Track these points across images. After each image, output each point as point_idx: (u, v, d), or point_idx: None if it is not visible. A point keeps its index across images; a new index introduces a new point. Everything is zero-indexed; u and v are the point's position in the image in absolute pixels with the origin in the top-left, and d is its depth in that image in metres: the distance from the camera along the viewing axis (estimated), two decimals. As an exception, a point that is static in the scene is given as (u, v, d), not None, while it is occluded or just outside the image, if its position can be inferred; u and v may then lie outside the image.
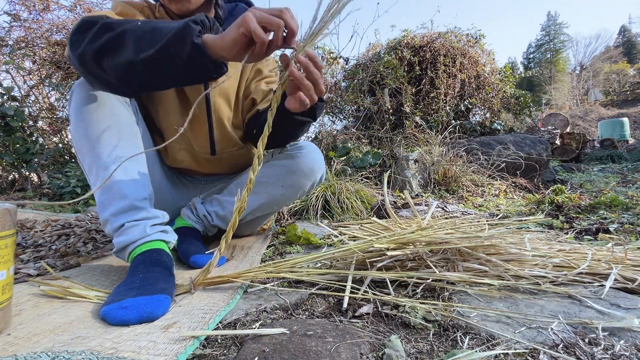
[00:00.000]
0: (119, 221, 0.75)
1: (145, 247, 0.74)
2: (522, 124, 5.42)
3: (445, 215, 1.38)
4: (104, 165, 0.75)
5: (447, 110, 4.06)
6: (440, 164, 2.38)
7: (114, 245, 0.76)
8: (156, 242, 0.76)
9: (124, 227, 0.74)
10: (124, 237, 0.74)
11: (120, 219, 0.75)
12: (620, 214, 1.45)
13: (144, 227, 0.75)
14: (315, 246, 1.12)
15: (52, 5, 3.25)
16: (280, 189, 1.00)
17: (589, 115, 15.07)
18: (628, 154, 4.99)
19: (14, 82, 3.22)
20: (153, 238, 0.76)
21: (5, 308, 0.52)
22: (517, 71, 27.29)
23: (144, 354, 0.45)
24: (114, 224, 0.75)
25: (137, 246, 0.74)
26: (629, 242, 1.02)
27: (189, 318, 0.57)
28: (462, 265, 0.72)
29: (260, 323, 0.56)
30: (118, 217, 0.75)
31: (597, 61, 29.16)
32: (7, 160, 2.71)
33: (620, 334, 0.51)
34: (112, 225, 0.75)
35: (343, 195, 1.71)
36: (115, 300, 0.60)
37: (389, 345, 0.48)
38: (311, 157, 1.00)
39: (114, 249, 0.76)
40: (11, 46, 3.13)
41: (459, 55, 4.29)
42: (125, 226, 0.74)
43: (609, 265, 0.72)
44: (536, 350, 0.47)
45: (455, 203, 1.89)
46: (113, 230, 0.75)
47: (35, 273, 0.82)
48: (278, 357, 0.44)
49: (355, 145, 2.96)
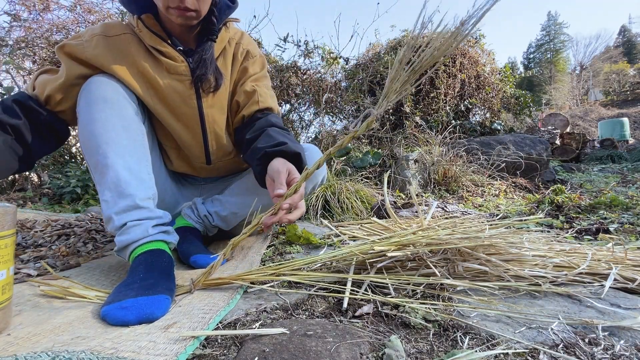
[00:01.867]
0: (122, 220, 0.75)
1: (147, 247, 0.74)
2: (522, 124, 5.43)
3: (445, 215, 1.37)
4: (110, 164, 0.75)
5: (447, 110, 4.06)
6: (440, 164, 2.38)
7: (115, 243, 0.76)
8: (158, 243, 0.76)
9: (127, 226, 0.74)
10: (125, 236, 0.74)
11: (123, 217, 0.75)
12: (620, 214, 1.45)
13: (146, 227, 0.75)
14: (315, 246, 1.12)
15: (52, 5, 3.24)
16: (281, 191, 1.00)
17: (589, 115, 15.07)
18: (628, 154, 4.99)
19: (14, 82, 3.22)
20: (155, 238, 0.76)
21: (5, 308, 0.52)
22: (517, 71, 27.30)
23: (143, 354, 0.45)
24: (117, 223, 0.75)
25: (138, 246, 0.74)
26: (629, 242, 1.02)
27: (189, 318, 0.57)
28: (462, 266, 0.72)
29: (260, 323, 0.56)
30: (121, 215, 0.75)
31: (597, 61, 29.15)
32: (7, 160, 2.70)
33: (620, 334, 0.51)
34: (115, 224, 0.75)
35: (343, 195, 1.71)
36: (116, 300, 0.60)
37: (389, 345, 0.48)
38: (313, 159, 1.00)
39: (115, 248, 0.76)
40: (11, 46, 3.13)
41: (459, 55, 4.30)
42: (127, 225, 0.74)
43: (609, 265, 0.72)
44: (536, 350, 0.47)
45: (455, 203, 1.89)
46: (115, 229, 0.75)
47: (35, 273, 0.82)
48: (278, 357, 0.44)
49: (355, 145, 2.97)
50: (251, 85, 0.98)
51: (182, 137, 0.97)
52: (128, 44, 0.86)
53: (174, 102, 0.91)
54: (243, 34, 1.02)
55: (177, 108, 0.92)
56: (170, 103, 0.91)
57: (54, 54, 3.23)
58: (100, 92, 0.79)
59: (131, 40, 0.87)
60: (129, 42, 0.86)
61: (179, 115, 0.94)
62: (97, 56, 0.83)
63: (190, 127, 0.96)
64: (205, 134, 0.98)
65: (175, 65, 0.88)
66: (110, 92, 0.80)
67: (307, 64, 3.55)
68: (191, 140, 0.98)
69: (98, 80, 0.81)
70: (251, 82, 0.98)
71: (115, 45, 0.85)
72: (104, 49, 0.83)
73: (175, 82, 0.89)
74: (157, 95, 0.90)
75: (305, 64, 3.55)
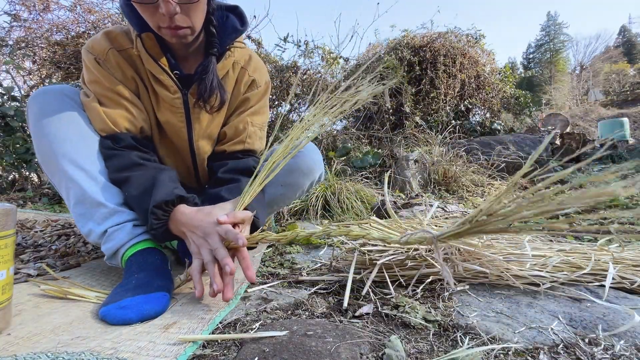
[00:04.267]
0: (101, 228, 0.72)
1: (136, 248, 0.73)
2: (522, 124, 5.42)
3: (445, 215, 1.38)
4: (72, 178, 0.72)
5: (447, 111, 4.07)
6: (440, 164, 2.38)
7: (104, 253, 0.74)
8: (146, 242, 0.75)
9: (108, 233, 0.72)
10: (110, 242, 0.72)
11: (102, 225, 0.72)
12: (620, 214, 1.45)
13: (129, 229, 0.73)
14: (315, 246, 1.12)
15: (52, 5, 3.25)
16: (280, 188, 1.00)
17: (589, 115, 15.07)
18: (628, 154, 4.98)
19: (14, 82, 3.22)
20: (142, 238, 0.74)
21: (5, 308, 0.52)
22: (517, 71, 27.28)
23: (143, 354, 0.45)
24: (97, 232, 0.73)
25: (127, 249, 0.72)
26: (629, 242, 1.02)
27: (189, 318, 0.57)
28: (462, 266, 0.72)
29: (260, 323, 0.56)
30: (99, 224, 0.73)
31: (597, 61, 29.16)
32: (7, 160, 2.71)
33: (620, 334, 0.51)
34: (96, 234, 0.73)
35: (343, 195, 1.71)
36: (114, 301, 0.60)
37: (389, 345, 0.48)
38: (310, 156, 0.99)
39: (105, 257, 0.74)
40: (11, 46, 3.13)
41: (459, 56, 4.30)
42: (108, 232, 0.72)
43: (609, 265, 0.72)
44: (536, 350, 0.47)
45: (455, 203, 1.89)
46: (98, 238, 0.73)
47: (35, 273, 0.82)
48: (278, 357, 0.44)
49: (355, 145, 2.97)
50: (245, 120, 0.92)
51: (170, 163, 0.94)
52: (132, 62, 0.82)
53: (167, 133, 0.89)
54: (251, 57, 0.93)
55: (168, 138, 0.90)
56: (163, 134, 0.90)
57: (54, 54, 3.23)
58: (45, 106, 0.76)
59: (128, 54, 0.82)
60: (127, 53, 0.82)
61: (167, 144, 0.92)
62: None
63: (179, 156, 0.94)
64: (195, 161, 0.95)
65: (170, 96, 0.83)
66: (56, 104, 0.76)
67: (307, 64, 3.56)
68: (181, 166, 0.96)
69: (40, 95, 0.78)
70: (247, 117, 0.92)
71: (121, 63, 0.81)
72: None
73: (169, 114, 0.86)
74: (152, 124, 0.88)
75: (305, 64, 3.55)
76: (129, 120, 0.80)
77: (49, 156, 0.74)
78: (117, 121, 0.78)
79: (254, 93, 0.93)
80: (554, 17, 32.05)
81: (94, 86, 0.79)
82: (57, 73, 3.31)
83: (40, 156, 0.77)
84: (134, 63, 0.82)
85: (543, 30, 32.19)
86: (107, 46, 0.79)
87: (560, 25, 31.51)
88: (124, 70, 0.81)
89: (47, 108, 0.76)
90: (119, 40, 0.80)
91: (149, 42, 0.79)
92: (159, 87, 0.83)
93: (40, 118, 0.75)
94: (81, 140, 0.76)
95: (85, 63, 0.80)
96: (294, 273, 0.84)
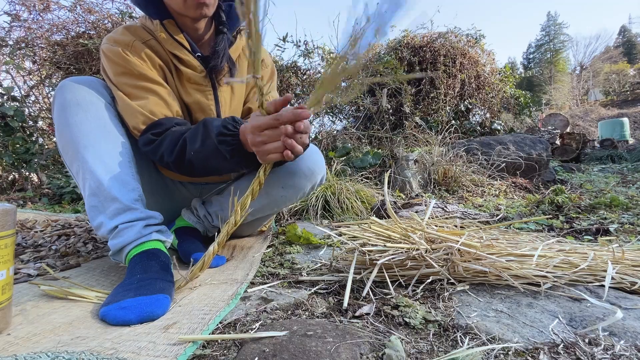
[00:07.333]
0: (112, 223, 0.73)
1: (142, 248, 0.73)
2: (522, 124, 5.43)
3: (445, 216, 1.37)
4: (91, 169, 0.74)
5: (447, 111, 4.07)
6: (440, 164, 2.38)
7: (109, 248, 0.75)
8: (153, 242, 0.75)
9: (118, 229, 0.73)
10: (119, 239, 0.73)
11: (114, 221, 0.73)
12: (620, 214, 1.45)
13: (139, 228, 0.74)
14: (315, 246, 1.12)
15: (52, 6, 3.24)
16: (280, 190, 1.00)
17: (589, 115, 15.07)
18: (628, 154, 4.99)
19: (14, 82, 3.22)
20: (149, 238, 0.75)
21: (5, 308, 0.52)
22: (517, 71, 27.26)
23: (143, 354, 0.45)
24: (108, 227, 0.73)
25: (133, 247, 0.73)
26: (629, 242, 1.02)
27: (189, 319, 0.57)
28: (462, 266, 0.72)
29: (260, 323, 0.56)
30: (111, 219, 0.73)
31: (597, 61, 29.16)
32: (7, 160, 2.71)
33: (620, 334, 0.51)
34: (106, 228, 0.73)
35: (343, 195, 1.71)
36: (114, 301, 0.60)
37: (389, 345, 0.48)
38: (312, 158, 0.99)
39: (110, 252, 0.75)
40: (11, 46, 3.13)
41: (459, 56, 4.30)
42: (119, 228, 0.73)
43: (609, 265, 0.72)
44: (536, 350, 0.47)
45: (455, 203, 1.89)
46: (107, 233, 0.74)
47: (35, 273, 0.82)
48: (278, 357, 0.44)
49: (355, 146, 2.97)
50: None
51: None
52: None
53: (194, 114, 0.94)
54: None
55: (194, 121, 0.95)
56: (192, 114, 0.95)
57: (54, 54, 3.23)
58: (73, 96, 0.77)
59: (151, 46, 0.88)
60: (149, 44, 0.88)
61: (190, 110, 0.96)
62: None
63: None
64: None
65: (198, 75, 0.90)
66: (83, 95, 0.78)
67: (307, 64, 3.56)
68: None
69: (69, 84, 0.79)
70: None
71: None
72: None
73: (197, 94, 0.92)
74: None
75: (305, 64, 3.55)
76: (164, 107, 0.84)
77: (70, 145, 0.76)
78: (153, 110, 0.82)
79: (265, 72, 1.04)
80: (554, 17, 32.05)
81: (123, 78, 0.82)
82: (57, 73, 3.31)
83: (61, 144, 0.78)
84: (157, 52, 0.87)
85: (543, 30, 32.21)
86: (131, 38, 0.84)
87: (560, 25, 31.51)
88: (151, 58, 0.85)
89: (74, 98, 0.77)
90: (139, 33, 0.86)
91: (171, 27, 0.86)
92: (185, 67, 0.88)
93: (66, 107, 0.77)
94: (105, 134, 0.78)
95: (109, 59, 0.82)
96: (294, 273, 0.84)
